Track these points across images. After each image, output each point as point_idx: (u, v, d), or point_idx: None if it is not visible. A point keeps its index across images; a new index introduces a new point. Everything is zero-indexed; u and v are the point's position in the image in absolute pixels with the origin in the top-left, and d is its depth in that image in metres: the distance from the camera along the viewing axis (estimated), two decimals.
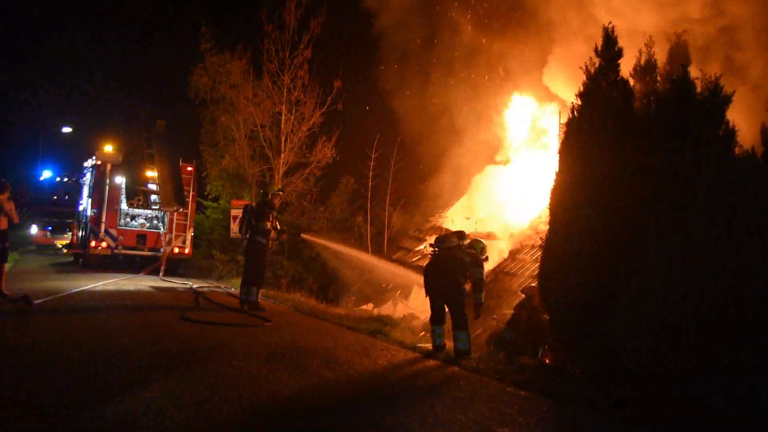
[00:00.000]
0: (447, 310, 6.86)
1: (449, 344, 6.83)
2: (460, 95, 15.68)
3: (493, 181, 14.80)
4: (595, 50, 6.14)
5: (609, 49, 6.08)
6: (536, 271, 8.10)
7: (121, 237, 16.61)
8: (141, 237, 16.97)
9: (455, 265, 6.85)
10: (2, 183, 8.66)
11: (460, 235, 7.22)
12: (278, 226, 9.95)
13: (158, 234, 17.09)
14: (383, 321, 9.48)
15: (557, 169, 6.24)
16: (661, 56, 6.22)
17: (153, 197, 16.94)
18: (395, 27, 16.36)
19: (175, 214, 17.10)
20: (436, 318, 6.91)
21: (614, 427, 4.49)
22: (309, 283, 16.00)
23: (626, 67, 6.20)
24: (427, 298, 7.03)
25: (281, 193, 10.38)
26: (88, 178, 18.22)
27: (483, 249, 7.13)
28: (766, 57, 9.00)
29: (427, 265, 7.28)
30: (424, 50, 16.82)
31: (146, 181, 16.75)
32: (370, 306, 13.38)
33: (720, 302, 4.90)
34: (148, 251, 16.90)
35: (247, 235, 9.59)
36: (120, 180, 16.83)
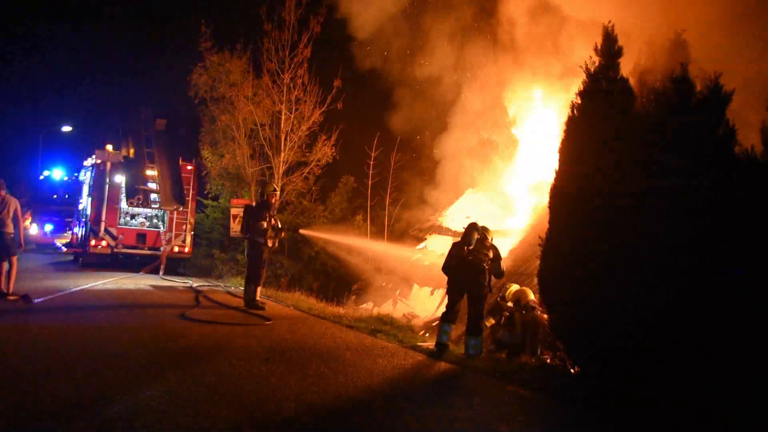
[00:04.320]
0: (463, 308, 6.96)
1: (452, 346, 6.85)
2: (461, 92, 15.63)
3: (493, 179, 14.79)
4: (595, 49, 6.12)
5: (609, 47, 6.06)
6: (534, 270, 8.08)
7: (121, 236, 16.60)
8: (141, 236, 16.96)
9: (482, 262, 6.96)
10: None
11: (476, 227, 7.26)
12: (278, 225, 9.99)
13: (158, 233, 17.08)
14: (383, 320, 9.48)
15: (557, 168, 6.23)
16: (661, 55, 6.19)
17: (153, 196, 16.93)
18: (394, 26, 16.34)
19: (175, 213, 17.09)
20: (450, 316, 6.98)
21: (614, 427, 4.50)
22: (309, 282, 16.01)
23: (626, 66, 6.17)
24: (446, 294, 7.09)
25: (276, 192, 10.44)
26: (88, 176, 18.20)
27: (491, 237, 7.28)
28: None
29: (451, 260, 7.22)
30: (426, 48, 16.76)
31: (146, 179, 16.74)
32: (369, 305, 13.39)
33: (721, 302, 4.90)
34: (148, 250, 16.89)
35: (246, 236, 9.73)
36: (120, 179, 16.82)
